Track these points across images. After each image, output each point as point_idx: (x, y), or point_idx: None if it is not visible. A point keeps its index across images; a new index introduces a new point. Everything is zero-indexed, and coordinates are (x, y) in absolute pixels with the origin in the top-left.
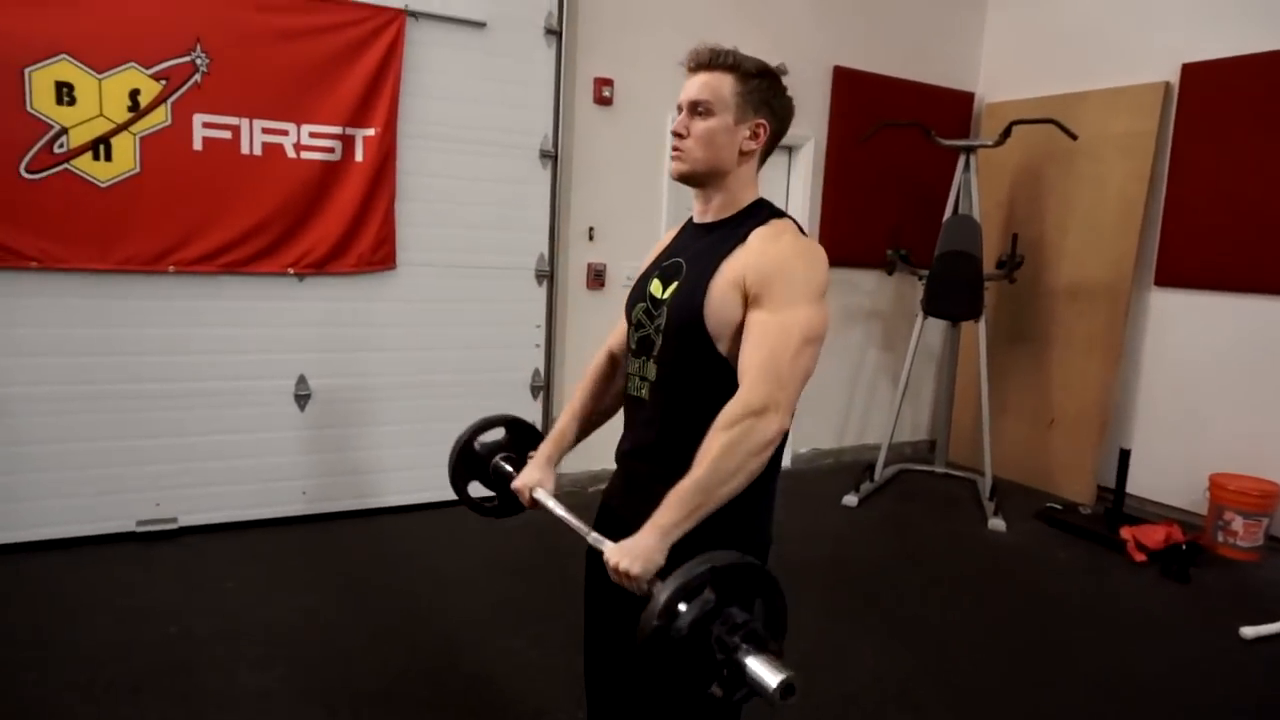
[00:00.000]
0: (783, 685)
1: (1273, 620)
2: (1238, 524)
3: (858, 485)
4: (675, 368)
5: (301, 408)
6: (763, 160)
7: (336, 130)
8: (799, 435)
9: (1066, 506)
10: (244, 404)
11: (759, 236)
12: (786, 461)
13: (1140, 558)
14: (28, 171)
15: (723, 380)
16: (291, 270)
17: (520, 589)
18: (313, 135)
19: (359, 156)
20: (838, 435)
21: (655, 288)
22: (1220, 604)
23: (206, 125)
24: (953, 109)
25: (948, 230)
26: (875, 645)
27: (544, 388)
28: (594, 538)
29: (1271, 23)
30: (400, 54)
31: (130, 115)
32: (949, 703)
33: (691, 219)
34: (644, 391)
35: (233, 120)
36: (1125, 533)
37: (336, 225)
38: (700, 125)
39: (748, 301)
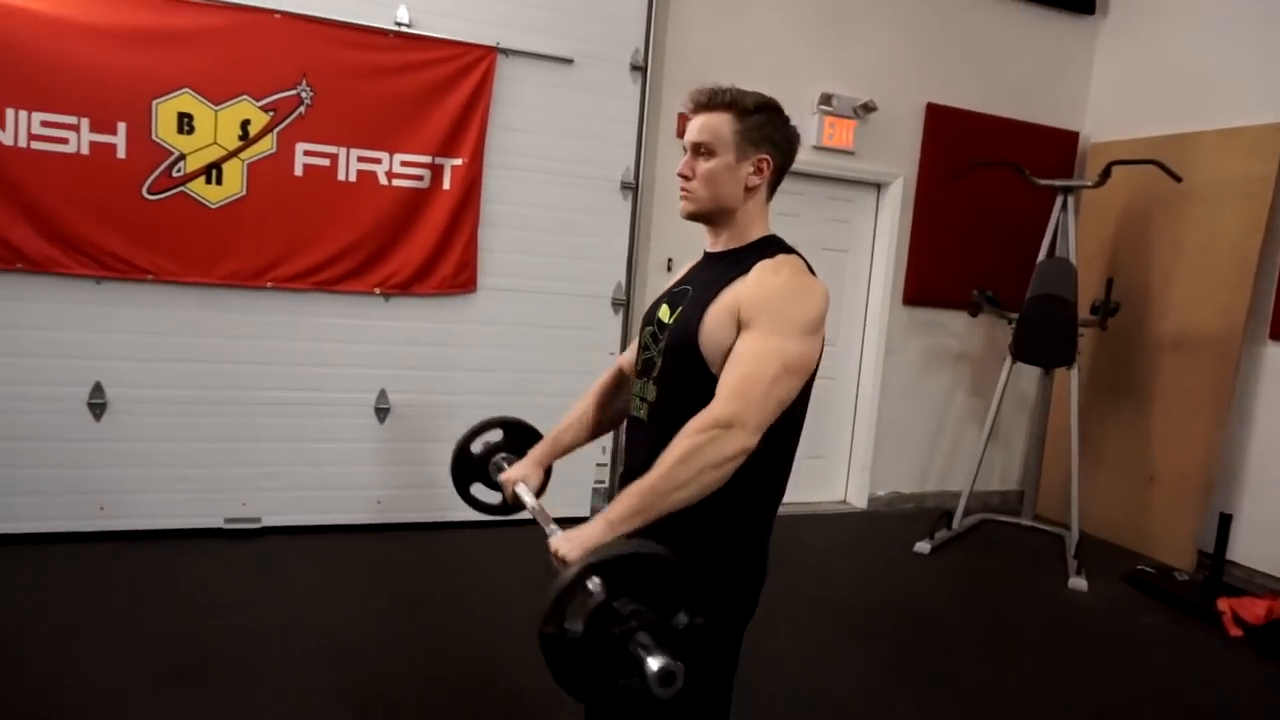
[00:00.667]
0: (662, 671)
1: None
2: None
3: (933, 532)
4: (672, 390)
5: (381, 421)
6: (771, 192)
7: (426, 159)
8: (877, 477)
9: (1160, 570)
10: (328, 414)
11: (761, 269)
12: (862, 502)
13: (1236, 632)
14: (149, 193)
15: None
16: (378, 290)
17: None
18: (404, 164)
19: (446, 184)
20: (920, 479)
21: (663, 312)
22: None
23: (308, 153)
24: (1055, 148)
25: (1041, 273)
26: (920, 702)
27: None
28: (550, 529)
29: None
30: (490, 88)
31: (240, 143)
32: None
33: (705, 250)
34: (643, 412)
35: (331, 149)
36: (1222, 604)
37: (422, 249)
38: (703, 166)
39: (740, 327)
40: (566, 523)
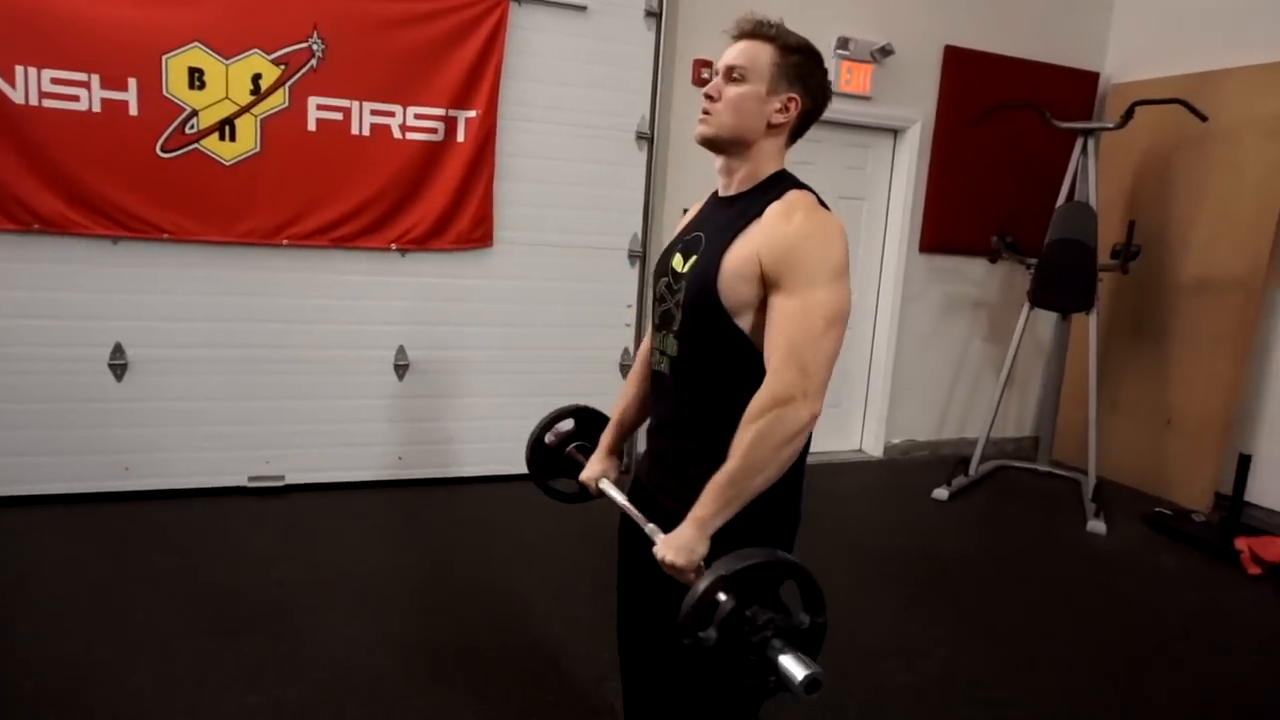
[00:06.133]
0: (808, 680)
1: None
2: None
3: (950, 479)
4: (694, 343)
5: (400, 377)
6: (793, 138)
7: (440, 112)
8: (893, 425)
9: (1178, 512)
10: (348, 371)
11: (773, 213)
12: (879, 451)
13: (1255, 570)
14: (163, 151)
15: (741, 356)
16: (394, 246)
17: (600, 562)
18: (418, 117)
19: (461, 137)
20: (936, 427)
21: (677, 262)
22: None
23: (320, 107)
24: (1074, 90)
25: (1060, 217)
26: (950, 640)
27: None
28: (650, 529)
29: None
30: (503, 38)
31: (252, 98)
32: (1024, 704)
33: (714, 193)
34: (664, 366)
35: (344, 103)
36: (1240, 543)
37: (438, 203)
38: (732, 90)
39: (766, 283)
40: None
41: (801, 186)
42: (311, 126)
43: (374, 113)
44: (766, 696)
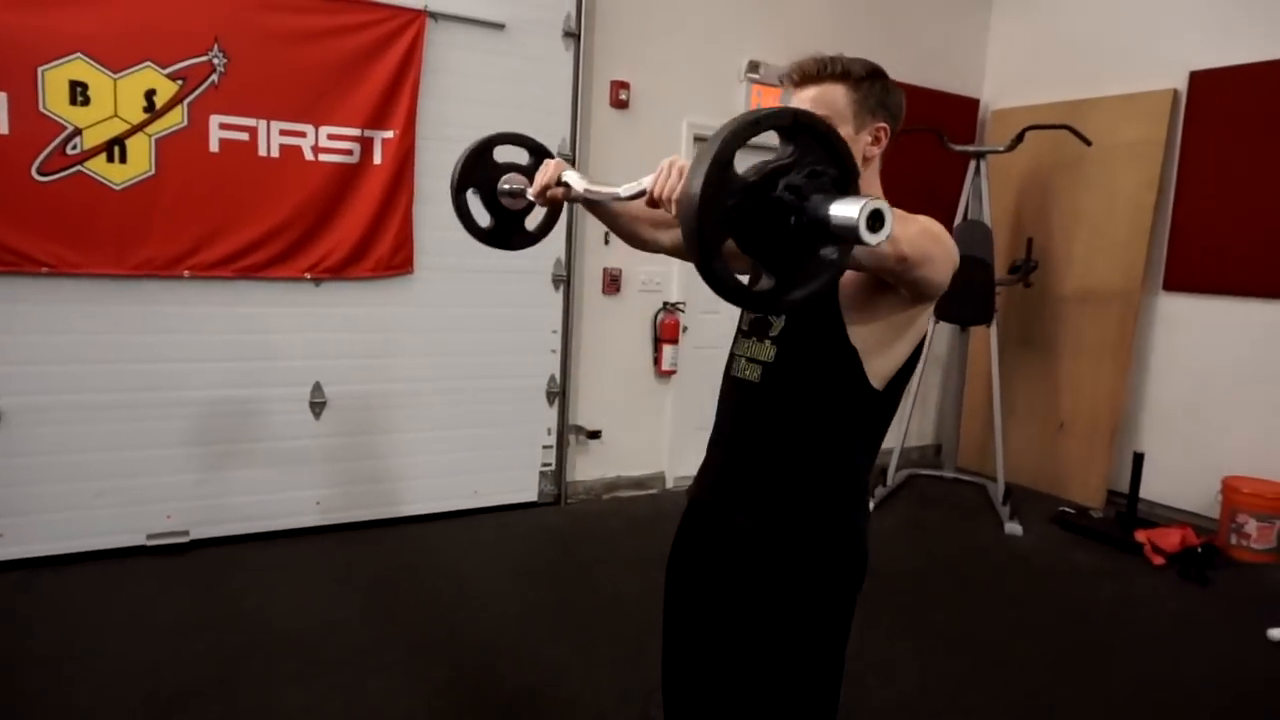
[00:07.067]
0: (870, 211)
1: None
2: (1251, 526)
3: (872, 490)
4: (799, 349)
5: (316, 416)
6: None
7: (355, 132)
8: None
9: (1079, 510)
10: (258, 412)
11: None
12: None
13: (1159, 561)
14: (40, 174)
15: (845, 364)
16: (309, 275)
17: (550, 597)
18: (331, 137)
19: (378, 159)
20: None
21: None
22: (1241, 606)
23: (224, 126)
24: (960, 115)
25: (958, 235)
26: (919, 653)
27: (560, 393)
28: (627, 187)
29: (1278, 33)
30: (420, 55)
31: (146, 116)
32: (1003, 710)
33: None
34: (752, 373)
35: (250, 121)
36: (1141, 536)
37: (354, 229)
38: None
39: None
40: (513, 508)
41: None
42: (214, 147)
43: (283, 133)
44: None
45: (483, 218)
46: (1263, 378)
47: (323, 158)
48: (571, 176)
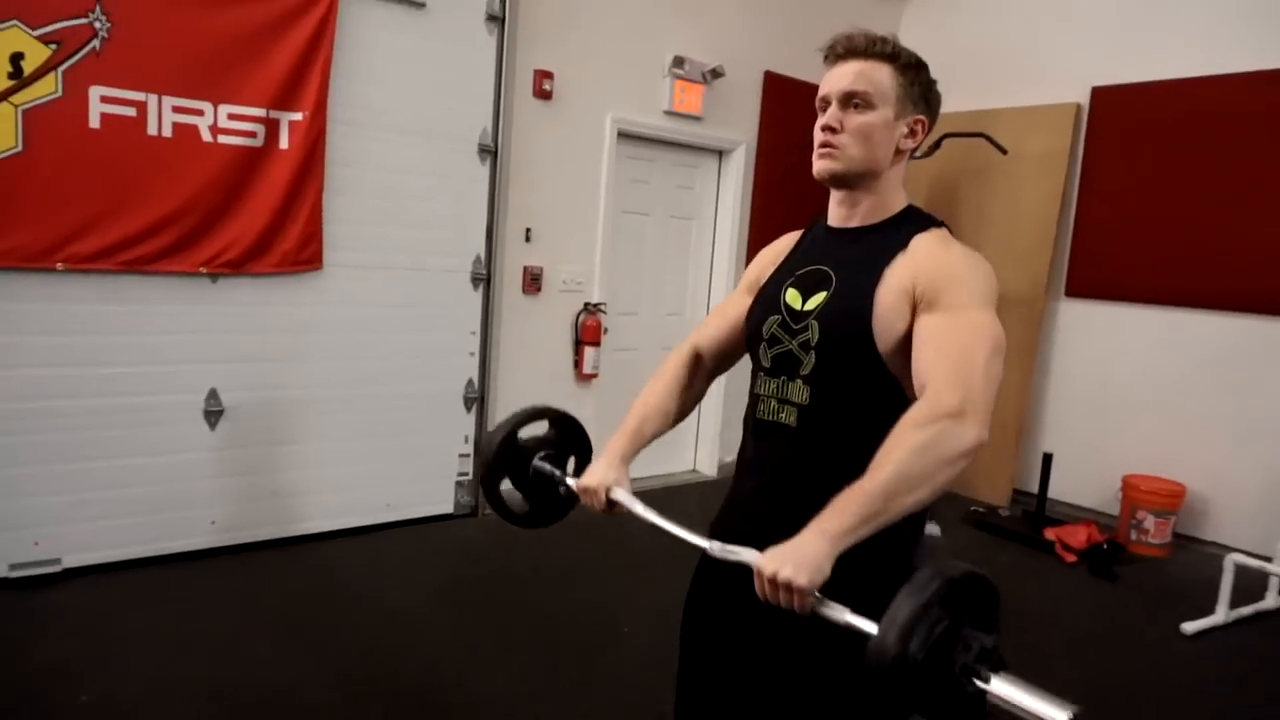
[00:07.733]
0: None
1: (1200, 612)
2: (1149, 522)
3: None
4: (835, 388)
5: (212, 426)
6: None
7: (260, 113)
8: (725, 444)
9: (988, 510)
10: (144, 423)
11: (925, 242)
12: (713, 470)
13: (1070, 558)
14: None
15: (889, 400)
16: (204, 270)
17: (479, 619)
18: (232, 117)
19: (284, 143)
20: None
21: (792, 298)
22: (1151, 600)
23: (105, 100)
24: None
25: None
26: None
27: (479, 399)
28: (718, 547)
29: (1175, 53)
30: (333, 31)
31: (11, 83)
32: None
33: (823, 225)
34: (788, 416)
35: (138, 96)
36: (1050, 534)
37: (257, 220)
38: (858, 119)
39: (917, 307)
40: (429, 521)
41: (940, 224)
42: (95, 123)
43: (177, 110)
44: None
45: (513, 497)
46: (1159, 380)
47: (222, 139)
48: (629, 502)
